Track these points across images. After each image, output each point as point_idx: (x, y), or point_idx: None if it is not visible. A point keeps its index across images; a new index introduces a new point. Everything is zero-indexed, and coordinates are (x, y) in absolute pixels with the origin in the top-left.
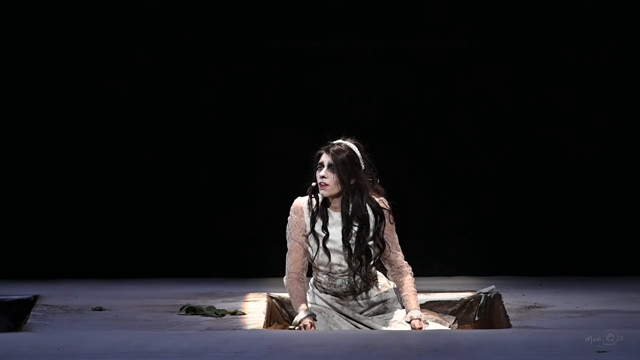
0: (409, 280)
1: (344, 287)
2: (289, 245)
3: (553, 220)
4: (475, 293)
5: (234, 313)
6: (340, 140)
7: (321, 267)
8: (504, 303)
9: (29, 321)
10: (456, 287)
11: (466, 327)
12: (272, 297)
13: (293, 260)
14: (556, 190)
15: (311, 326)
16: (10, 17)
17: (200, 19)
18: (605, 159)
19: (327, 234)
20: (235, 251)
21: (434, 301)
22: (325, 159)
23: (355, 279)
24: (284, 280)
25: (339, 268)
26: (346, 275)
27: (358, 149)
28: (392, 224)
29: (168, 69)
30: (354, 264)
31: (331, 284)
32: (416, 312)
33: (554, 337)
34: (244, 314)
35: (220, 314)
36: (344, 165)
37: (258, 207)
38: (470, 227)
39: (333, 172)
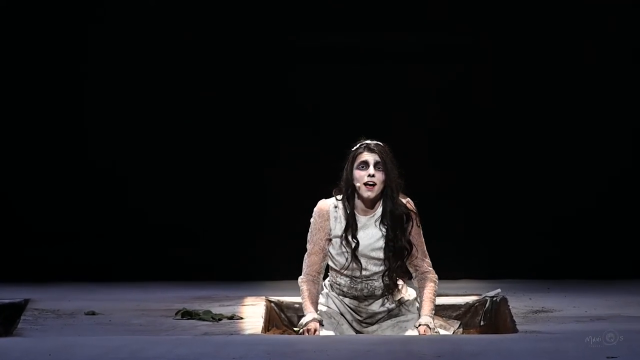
0: (430, 287)
1: (365, 291)
2: (309, 247)
3: (561, 222)
4: (481, 297)
5: (231, 317)
6: (370, 141)
7: (344, 271)
8: (510, 307)
9: (19, 326)
10: (461, 290)
11: (471, 332)
12: (270, 301)
13: (312, 263)
14: (564, 192)
15: (315, 331)
16: (7, 15)
17: (201, 14)
18: (614, 161)
19: (358, 242)
20: (233, 254)
21: (438, 305)
22: (369, 157)
23: (384, 280)
24: (299, 279)
25: (364, 272)
26: (369, 280)
27: None
28: (419, 227)
29: (164, 67)
30: (385, 264)
31: (352, 287)
32: (426, 319)
33: (562, 343)
34: (241, 318)
35: (217, 318)
36: (391, 163)
37: (257, 209)
38: (476, 229)
39: (381, 171)
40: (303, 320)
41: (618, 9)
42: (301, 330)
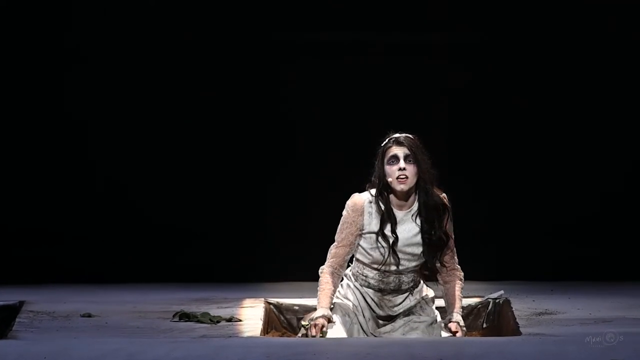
0: (458, 284)
1: (392, 285)
2: (338, 238)
3: (565, 223)
4: (484, 299)
5: (229, 320)
6: (398, 134)
7: (379, 266)
8: (514, 309)
9: (14, 328)
10: (463, 292)
11: (474, 335)
12: (269, 303)
13: (337, 255)
14: (568, 193)
15: (322, 327)
16: (3, 14)
17: (201, 14)
18: (619, 162)
19: (397, 237)
20: (231, 255)
21: (440, 307)
22: (398, 151)
23: (423, 272)
24: (321, 268)
25: (400, 267)
26: (401, 274)
27: None
28: (451, 221)
29: (161, 67)
30: (427, 256)
31: (381, 280)
32: (457, 316)
33: (566, 346)
34: (240, 320)
35: (215, 320)
36: (422, 154)
37: (255, 210)
38: (479, 230)
39: (411, 164)
40: (313, 315)
41: (618, 9)
42: (308, 325)
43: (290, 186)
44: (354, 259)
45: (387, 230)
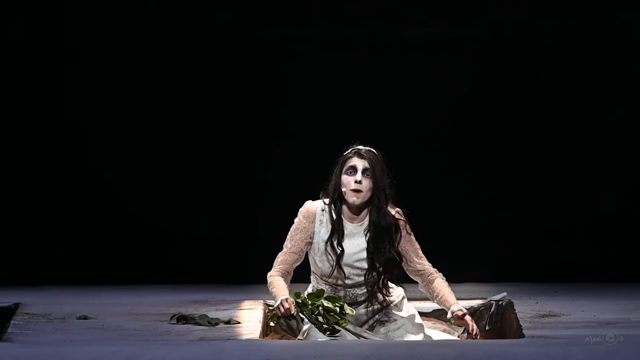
0: (441, 282)
1: (347, 298)
2: (287, 245)
3: (569, 224)
4: (486, 300)
5: (228, 322)
6: (362, 146)
7: (326, 278)
8: (517, 311)
9: (9, 331)
10: (465, 294)
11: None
12: (268, 305)
13: (285, 261)
14: (571, 193)
15: (287, 300)
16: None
17: (195, 15)
18: (625, 162)
19: (342, 250)
20: (230, 256)
21: (442, 309)
22: (358, 163)
23: (375, 290)
24: (268, 274)
25: (347, 281)
26: (351, 288)
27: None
28: (409, 234)
29: (160, 68)
30: (371, 277)
31: (333, 294)
32: (456, 306)
33: (570, 348)
34: (238, 322)
35: (214, 322)
36: (381, 172)
37: (254, 211)
38: (481, 231)
39: (368, 179)
40: (276, 303)
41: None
42: (275, 310)
43: (289, 187)
44: (312, 274)
45: (335, 242)
